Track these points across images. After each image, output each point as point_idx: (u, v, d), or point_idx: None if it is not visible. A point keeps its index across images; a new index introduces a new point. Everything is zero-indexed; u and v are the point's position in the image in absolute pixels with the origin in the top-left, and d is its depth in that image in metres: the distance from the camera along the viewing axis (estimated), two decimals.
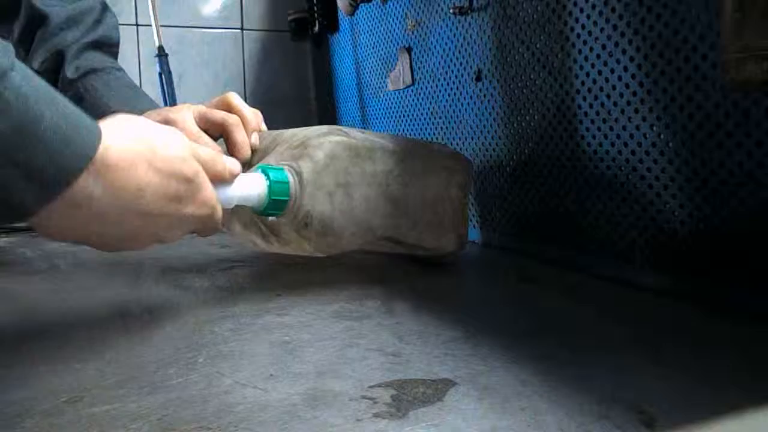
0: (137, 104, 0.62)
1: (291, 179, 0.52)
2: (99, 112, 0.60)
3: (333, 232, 0.55)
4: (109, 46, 0.69)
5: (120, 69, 0.69)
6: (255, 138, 0.60)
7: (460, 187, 0.65)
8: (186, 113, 0.57)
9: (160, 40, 1.15)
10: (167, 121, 0.57)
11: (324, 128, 0.58)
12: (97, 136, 0.35)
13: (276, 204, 0.51)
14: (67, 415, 0.32)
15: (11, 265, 0.71)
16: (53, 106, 0.34)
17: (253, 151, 0.59)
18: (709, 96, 0.50)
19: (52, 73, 0.65)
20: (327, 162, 0.54)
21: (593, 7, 0.60)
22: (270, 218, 0.53)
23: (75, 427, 0.30)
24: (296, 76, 1.37)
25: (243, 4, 1.32)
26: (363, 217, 0.57)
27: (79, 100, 0.63)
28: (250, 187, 0.49)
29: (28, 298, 0.57)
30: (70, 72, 0.64)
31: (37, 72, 0.62)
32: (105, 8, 0.71)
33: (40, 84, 0.34)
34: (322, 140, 0.55)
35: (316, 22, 1.19)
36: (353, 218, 0.56)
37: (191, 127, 0.56)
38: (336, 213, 0.54)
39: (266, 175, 0.51)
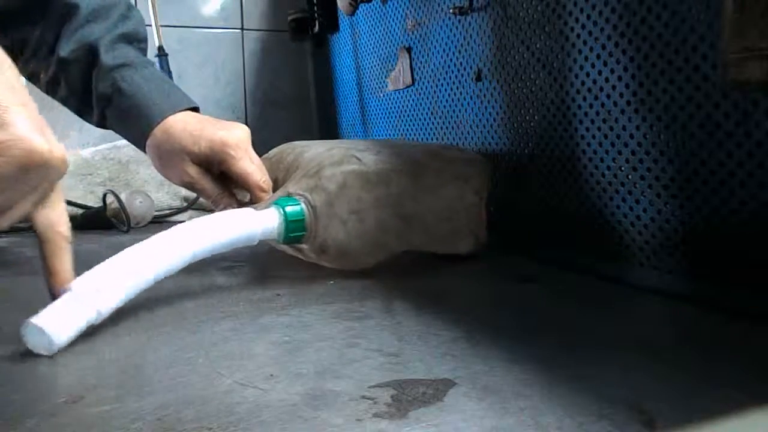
0: (178, 100, 0.68)
1: (306, 212, 0.57)
2: (140, 105, 0.65)
3: (349, 255, 0.60)
4: (139, 41, 0.70)
5: (153, 64, 0.71)
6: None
7: (475, 192, 0.67)
8: (245, 141, 0.66)
9: (160, 40, 1.15)
10: (223, 142, 0.64)
11: (338, 155, 0.61)
12: None
13: (294, 238, 0.58)
14: (67, 415, 0.32)
15: (11, 265, 0.71)
16: None
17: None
18: (709, 96, 0.50)
19: (82, 61, 0.67)
20: (339, 192, 0.58)
21: (593, 7, 0.60)
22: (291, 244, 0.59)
23: (75, 427, 0.30)
24: (296, 76, 1.37)
25: (243, 4, 1.32)
26: (377, 238, 0.60)
27: (116, 90, 0.66)
28: (269, 224, 0.56)
29: (28, 298, 0.57)
30: (106, 59, 0.66)
31: (67, 60, 0.67)
32: (130, 6, 0.72)
33: None
34: (335, 170, 0.59)
35: (316, 22, 1.19)
36: (368, 241, 0.60)
37: (247, 159, 0.65)
38: (351, 238, 0.59)
39: (283, 210, 0.57)
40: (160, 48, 1.14)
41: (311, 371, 0.37)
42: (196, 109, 0.69)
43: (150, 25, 1.14)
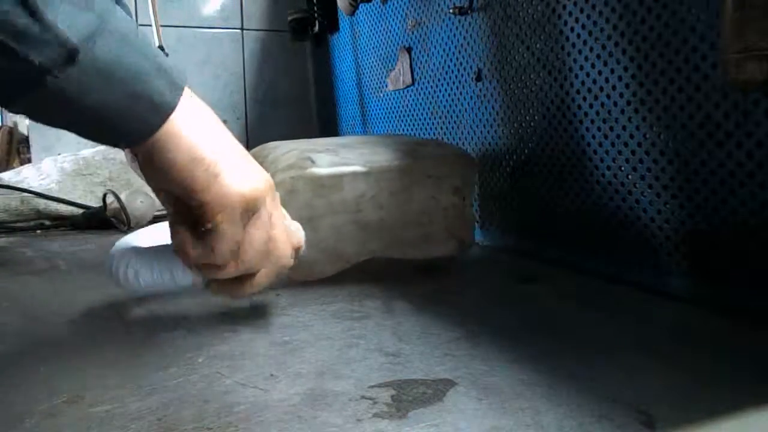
0: None
1: None
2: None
3: (304, 265, 0.55)
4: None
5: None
6: None
7: (455, 192, 0.62)
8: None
9: (160, 40, 1.15)
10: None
11: (293, 157, 0.57)
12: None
13: None
14: (67, 415, 0.32)
15: (11, 265, 0.71)
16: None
17: None
18: (709, 96, 0.50)
19: None
20: (288, 199, 0.54)
21: (593, 7, 0.60)
22: None
23: (75, 427, 0.30)
24: (296, 76, 1.37)
25: (243, 4, 1.32)
26: (333, 246, 0.57)
27: None
28: None
29: (28, 298, 0.57)
30: None
31: None
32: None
33: None
34: (285, 176, 0.56)
35: (316, 22, 1.19)
36: (322, 249, 0.57)
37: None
38: (303, 246, 0.54)
39: None
40: (160, 48, 1.14)
41: (311, 371, 0.37)
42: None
43: (150, 25, 1.15)
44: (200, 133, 0.39)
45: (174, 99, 0.38)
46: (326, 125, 1.33)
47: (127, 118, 0.36)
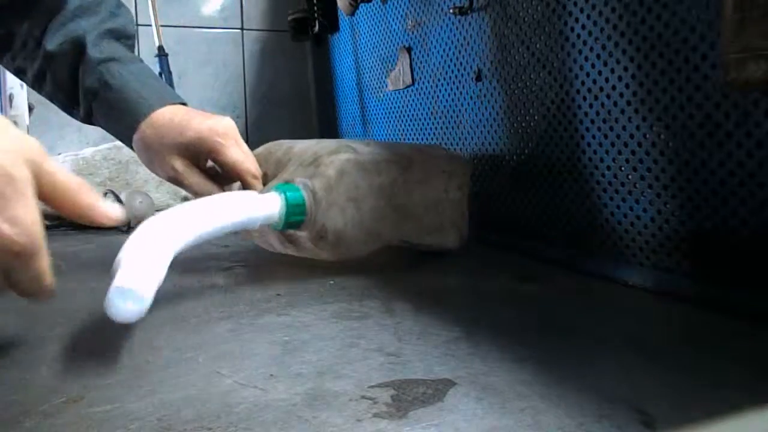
0: (167, 96, 0.66)
1: (306, 198, 0.57)
2: (128, 99, 0.64)
3: (346, 243, 0.60)
4: (127, 38, 0.69)
5: (141, 60, 0.70)
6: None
7: (459, 188, 0.68)
8: (233, 129, 0.66)
9: (160, 40, 1.15)
10: (211, 130, 0.63)
11: (333, 144, 0.62)
12: None
13: (294, 223, 0.58)
14: (67, 415, 0.32)
15: None
16: None
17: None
18: (709, 96, 0.50)
19: (68, 55, 0.66)
20: (338, 179, 0.58)
21: (593, 7, 0.60)
22: (289, 231, 0.60)
23: (75, 427, 0.30)
24: (296, 76, 1.37)
25: (243, 4, 1.32)
26: (372, 227, 0.61)
27: (103, 84, 0.65)
28: (271, 208, 0.55)
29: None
30: (93, 53, 0.65)
31: (54, 54, 0.67)
32: (120, 4, 0.71)
33: None
34: (333, 158, 0.59)
35: (316, 22, 1.19)
36: (364, 229, 0.60)
37: (236, 147, 0.64)
38: (348, 226, 0.59)
39: (284, 195, 0.56)
40: (160, 48, 1.14)
41: (311, 371, 0.37)
42: (184, 105, 0.68)
43: (150, 25, 1.15)
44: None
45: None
46: (326, 125, 1.33)
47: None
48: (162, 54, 1.14)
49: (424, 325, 0.46)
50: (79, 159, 1.07)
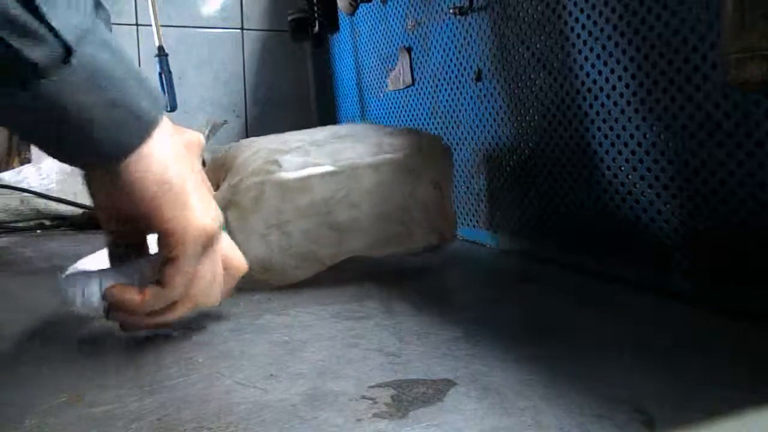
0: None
1: (225, 230, 0.53)
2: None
3: (275, 270, 0.55)
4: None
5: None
6: None
7: (434, 185, 0.61)
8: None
9: (160, 40, 1.15)
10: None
11: (260, 160, 0.55)
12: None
13: None
14: (67, 415, 0.32)
15: (11, 265, 0.71)
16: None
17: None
18: (709, 96, 0.50)
19: None
20: (253, 207, 0.54)
21: (593, 7, 0.60)
22: None
23: (75, 427, 0.30)
24: (296, 76, 1.37)
25: (243, 4, 1.32)
26: (306, 250, 0.56)
27: None
28: None
29: (28, 298, 0.57)
30: None
31: None
32: (98, 3, 0.68)
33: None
34: (249, 182, 0.54)
35: (316, 22, 1.18)
36: (295, 254, 0.56)
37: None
38: (274, 253, 0.55)
39: None
40: (160, 48, 1.14)
41: (311, 371, 0.37)
42: None
43: (150, 25, 1.15)
44: (171, 156, 0.37)
45: (157, 115, 0.36)
46: (326, 125, 1.33)
47: (108, 128, 0.33)
48: (162, 54, 1.14)
49: (424, 326, 0.46)
50: None
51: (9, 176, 1.05)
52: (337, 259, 0.58)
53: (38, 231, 0.95)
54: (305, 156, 0.57)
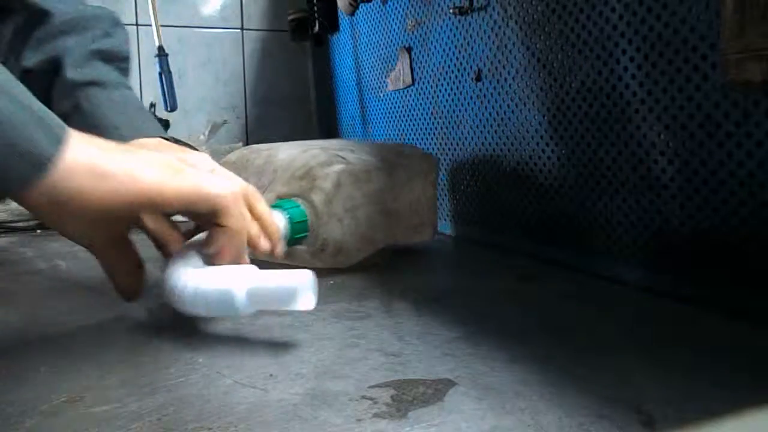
0: (144, 128, 0.58)
1: (308, 214, 0.59)
2: (99, 126, 0.56)
3: (344, 252, 0.61)
4: (120, 60, 0.63)
5: (129, 88, 0.63)
6: None
7: (432, 185, 0.72)
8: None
9: (160, 40, 1.15)
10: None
11: (322, 156, 0.62)
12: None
13: (298, 240, 0.58)
14: (67, 415, 0.32)
15: (11, 265, 0.71)
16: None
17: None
18: (709, 96, 0.50)
19: (45, 75, 0.59)
20: (335, 191, 0.60)
21: (593, 7, 0.60)
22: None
23: (75, 427, 0.30)
24: (296, 76, 1.37)
25: (243, 4, 1.32)
26: (367, 234, 0.63)
27: (76, 109, 0.58)
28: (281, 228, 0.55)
29: (28, 298, 0.57)
30: (71, 74, 0.58)
31: (31, 71, 0.59)
32: (117, 22, 0.65)
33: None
34: (327, 170, 0.61)
35: (316, 22, 1.18)
36: (360, 237, 0.62)
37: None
38: (346, 236, 0.61)
39: (287, 213, 0.57)
40: (160, 48, 1.14)
41: (311, 371, 0.37)
42: (164, 139, 0.58)
43: (150, 25, 1.15)
44: (100, 154, 0.39)
45: (52, 150, 0.36)
46: (326, 125, 1.33)
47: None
48: (162, 54, 1.14)
49: (424, 325, 0.46)
50: None
51: None
52: (385, 243, 0.65)
53: (38, 231, 0.95)
54: (356, 154, 0.65)
